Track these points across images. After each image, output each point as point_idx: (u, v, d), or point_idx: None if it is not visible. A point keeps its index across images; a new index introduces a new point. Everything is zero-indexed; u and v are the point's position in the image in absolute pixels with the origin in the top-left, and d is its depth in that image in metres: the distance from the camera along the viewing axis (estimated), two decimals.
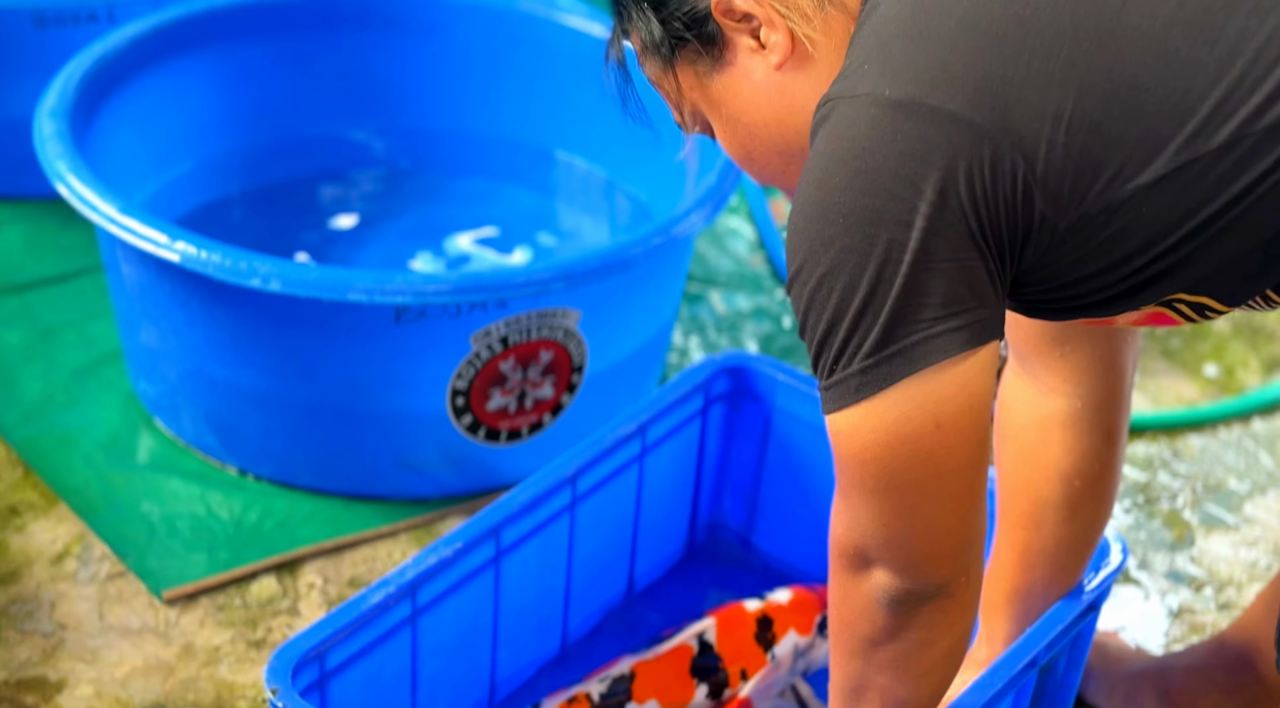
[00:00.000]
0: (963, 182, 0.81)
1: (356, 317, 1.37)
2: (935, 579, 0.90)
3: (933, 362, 0.83)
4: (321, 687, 1.11)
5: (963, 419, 0.85)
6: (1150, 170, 0.81)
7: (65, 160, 1.43)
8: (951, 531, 0.89)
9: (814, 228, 0.83)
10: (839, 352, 0.84)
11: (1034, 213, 0.82)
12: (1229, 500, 1.58)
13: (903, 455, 0.85)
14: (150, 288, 1.44)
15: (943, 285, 0.82)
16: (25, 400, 1.56)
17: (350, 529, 1.46)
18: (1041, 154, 0.81)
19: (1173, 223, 0.82)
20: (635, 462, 1.33)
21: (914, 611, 0.91)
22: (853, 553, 0.91)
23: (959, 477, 0.87)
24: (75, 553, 1.41)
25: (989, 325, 0.84)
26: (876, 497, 0.87)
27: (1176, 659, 1.27)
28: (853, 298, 0.83)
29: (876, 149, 0.82)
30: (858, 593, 0.92)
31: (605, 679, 1.24)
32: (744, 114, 0.91)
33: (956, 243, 0.82)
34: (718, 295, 1.82)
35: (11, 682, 1.28)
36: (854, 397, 0.84)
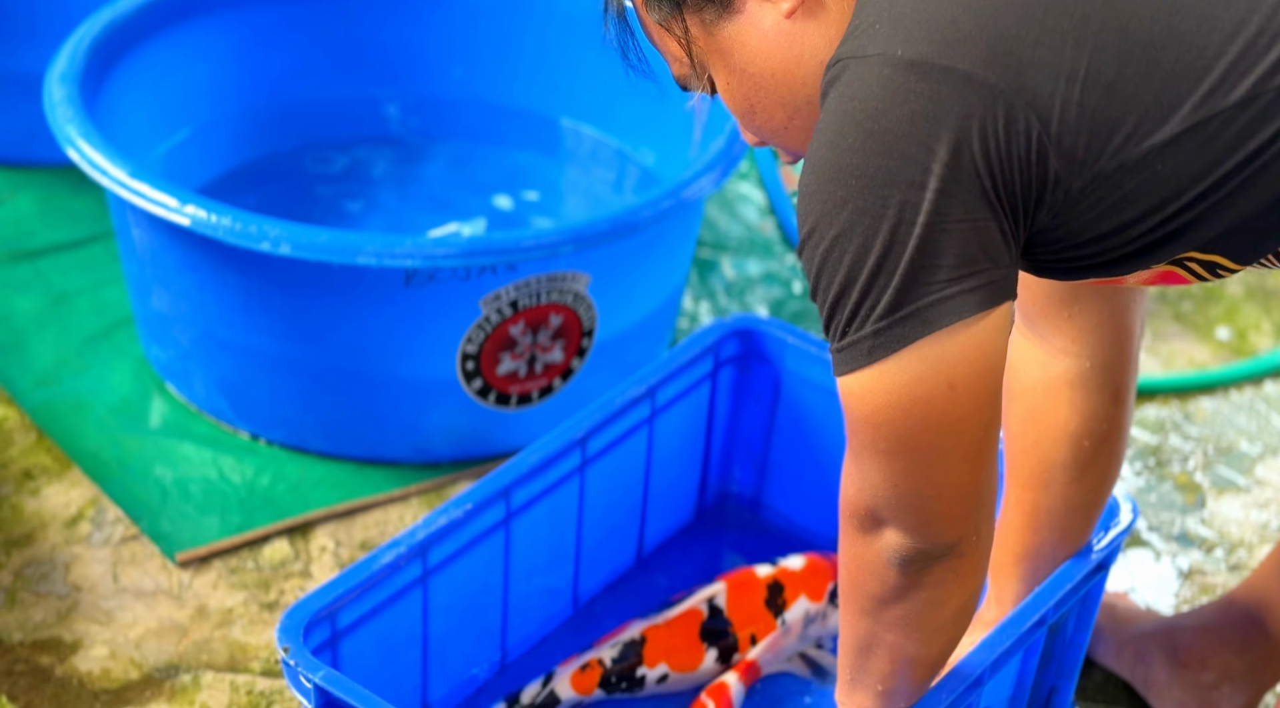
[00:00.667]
0: (976, 142, 0.81)
1: (366, 280, 1.38)
2: (946, 539, 0.90)
3: (947, 323, 0.83)
4: (333, 646, 1.12)
5: (976, 381, 0.85)
6: (1166, 128, 0.80)
7: (75, 125, 1.43)
8: (962, 491, 0.89)
9: (826, 190, 0.83)
10: (852, 314, 0.84)
11: (1048, 172, 0.82)
12: (1240, 463, 1.58)
13: (915, 417, 0.85)
14: (161, 253, 1.44)
15: (957, 246, 0.82)
16: (38, 366, 1.57)
17: (361, 493, 1.46)
18: (1056, 113, 0.81)
19: (1188, 181, 0.81)
20: (645, 424, 1.34)
21: (924, 570, 0.91)
22: (864, 513, 0.91)
23: (971, 438, 0.87)
24: (89, 516, 1.42)
25: (1003, 286, 0.84)
26: (888, 458, 0.87)
27: (1185, 619, 1.27)
28: (866, 260, 0.82)
29: (889, 110, 0.81)
30: (868, 553, 0.92)
31: (616, 644, 1.25)
32: (750, 64, 0.90)
33: (970, 203, 0.81)
34: (728, 261, 1.82)
35: (27, 642, 1.29)
36: (866, 359, 0.84)
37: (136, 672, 1.28)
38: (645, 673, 1.24)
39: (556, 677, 1.22)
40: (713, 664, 1.26)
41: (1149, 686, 1.28)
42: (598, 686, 1.23)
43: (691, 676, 1.26)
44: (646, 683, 1.24)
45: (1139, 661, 1.28)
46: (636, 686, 1.24)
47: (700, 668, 1.26)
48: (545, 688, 1.22)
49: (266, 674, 1.28)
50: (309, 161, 1.81)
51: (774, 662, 1.28)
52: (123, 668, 1.28)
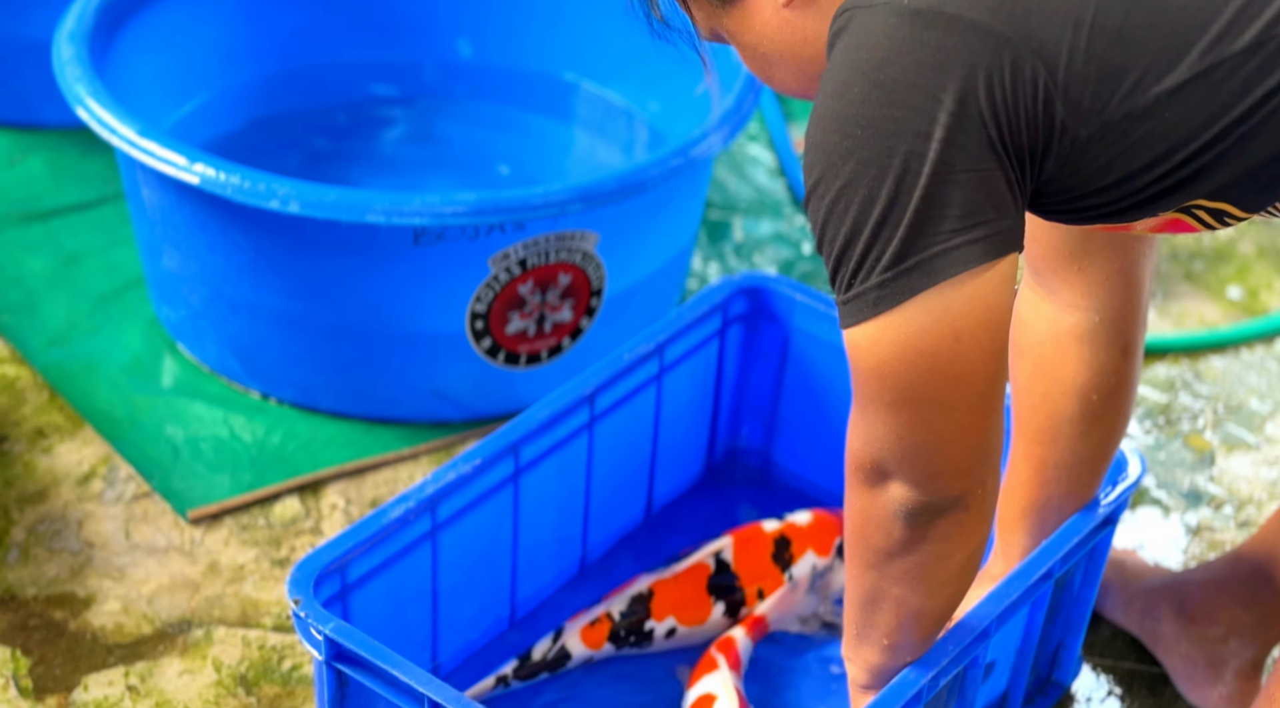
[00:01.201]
0: (983, 91, 0.80)
1: (375, 239, 1.38)
2: (952, 492, 0.90)
3: (952, 274, 0.82)
4: (343, 599, 1.13)
5: (981, 333, 0.85)
6: (1174, 76, 0.80)
7: (84, 84, 1.44)
8: (969, 444, 0.89)
9: (832, 141, 0.82)
10: (857, 265, 0.83)
11: (1055, 121, 0.82)
12: (1250, 421, 1.57)
13: (920, 369, 0.85)
14: (170, 212, 1.45)
15: (962, 196, 0.81)
16: (50, 326, 1.58)
17: (371, 452, 1.47)
18: (1063, 62, 0.80)
19: (1195, 128, 0.81)
20: (653, 381, 1.34)
21: (930, 523, 0.91)
22: (870, 467, 0.91)
23: (976, 390, 0.87)
24: (101, 474, 1.42)
25: (1009, 237, 0.84)
26: (894, 410, 0.87)
27: (1193, 574, 1.27)
28: (871, 210, 0.82)
29: (895, 59, 0.81)
30: (874, 506, 0.92)
31: (624, 598, 1.25)
32: (759, 45, 0.91)
33: (976, 153, 0.81)
34: (737, 221, 1.82)
35: (41, 597, 1.30)
36: (872, 310, 0.84)
37: (149, 627, 1.29)
38: (653, 627, 1.25)
39: (566, 632, 1.23)
40: (720, 618, 1.27)
41: (1157, 640, 1.28)
42: (607, 639, 1.24)
43: (699, 629, 1.27)
44: (655, 637, 1.25)
45: (1147, 615, 1.28)
46: (645, 639, 1.25)
47: (708, 622, 1.26)
48: (556, 644, 1.23)
49: (278, 630, 1.29)
50: (318, 124, 1.81)
51: (782, 618, 1.28)
52: (135, 623, 1.29)
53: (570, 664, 1.23)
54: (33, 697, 1.22)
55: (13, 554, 1.34)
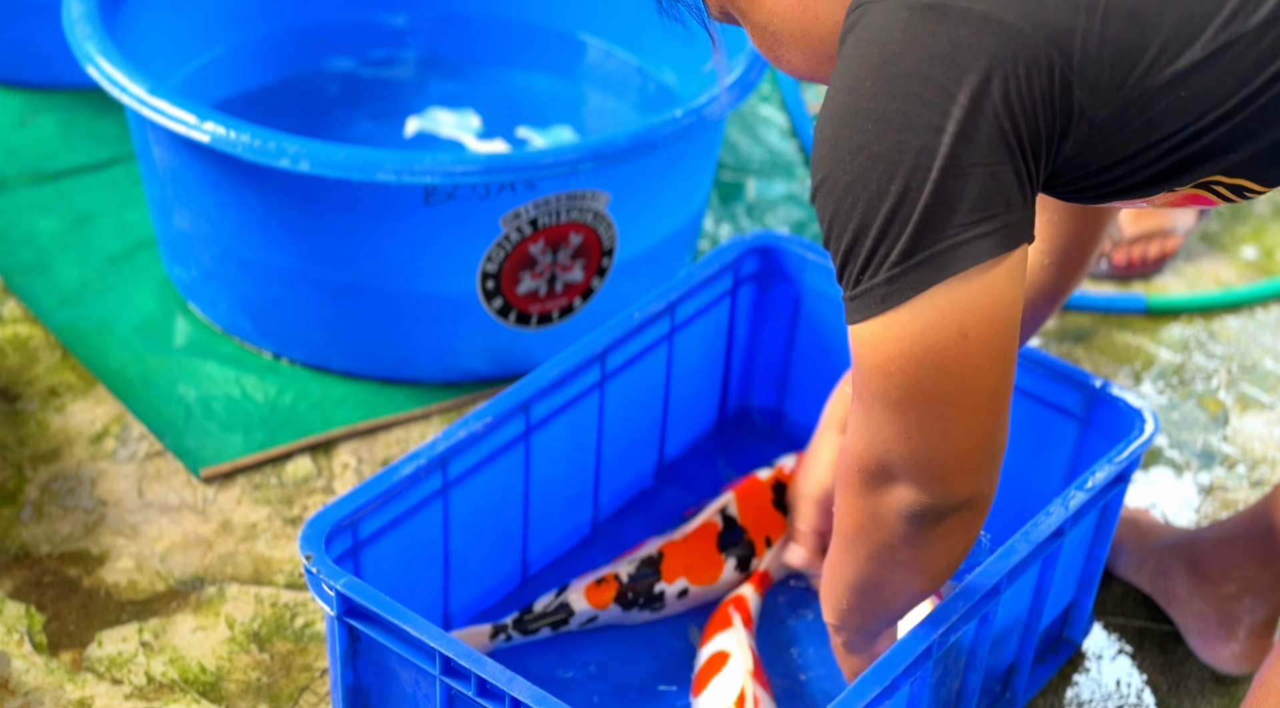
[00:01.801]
0: (996, 84, 0.80)
1: (385, 197, 1.38)
2: (960, 495, 0.89)
3: (961, 268, 0.81)
4: (355, 555, 1.13)
5: (988, 329, 0.84)
6: (1189, 54, 0.79)
7: (94, 41, 1.43)
8: (977, 444, 0.88)
9: (842, 135, 0.82)
10: (865, 261, 0.83)
11: (1073, 106, 0.81)
12: (1265, 381, 1.57)
13: (927, 366, 0.84)
14: (181, 171, 1.44)
15: (973, 191, 0.80)
16: (62, 286, 1.58)
17: (383, 412, 1.47)
18: (1078, 46, 0.79)
19: (1211, 105, 0.80)
20: (664, 340, 1.34)
21: (938, 524, 0.91)
22: (875, 468, 0.90)
23: (984, 388, 0.86)
24: (114, 433, 1.43)
25: (1018, 230, 0.83)
26: (900, 409, 0.86)
27: (1207, 532, 1.27)
28: (880, 206, 0.81)
29: (907, 53, 0.80)
30: (878, 506, 0.92)
31: (633, 561, 1.25)
32: (769, 24, 0.90)
33: (988, 147, 0.80)
34: (750, 183, 1.81)
35: (55, 554, 1.31)
36: (880, 306, 0.83)
37: (162, 584, 1.29)
38: (664, 589, 1.25)
39: (570, 589, 1.23)
40: (732, 574, 1.27)
41: (1169, 598, 1.28)
42: (613, 600, 1.23)
43: (711, 588, 1.27)
44: (666, 599, 1.25)
45: (1160, 573, 1.28)
46: (656, 602, 1.25)
47: (720, 579, 1.26)
48: (558, 599, 1.23)
49: (290, 587, 1.30)
50: (329, 83, 1.81)
51: (781, 569, 1.28)
52: (149, 580, 1.30)
53: (572, 621, 1.23)
54: (47, 653, 1.23)
55: (27, 512, 1.35)
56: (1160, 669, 1.27)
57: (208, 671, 1.22)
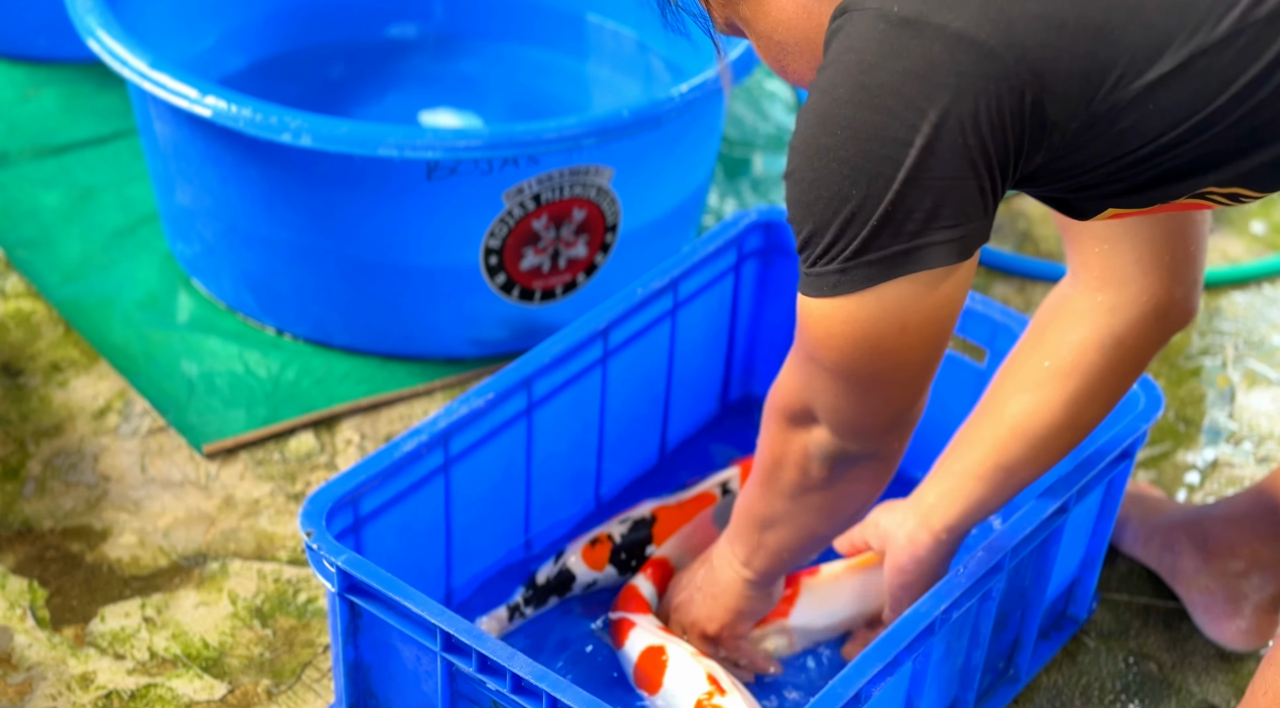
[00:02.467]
0: (967, 104, 0.81)
1: (388, 173, 1.37)
2: (871, 446, 0.98)
3: (911, 270, 0.85)
4: (356, 532, 1.13)
5: (928, 326, 0.89)
6: (1156, 67, 0.80)
7: (96, 15, 1.43)
8: (895, 411, 0.95)
9: (813, 134, 0.85)
10: (822, 252, 0.86)
11: (1045, 120, 0.82)
12: (1272, 357, 1.56)
13: (864, 350, 0.89)
14: (183, 146, 1.44)
15: (930, 202, 0.83)
16: (65, 261, 1.58)
17: (386, 388, 1.47)
18: (1049, 64, 0.81)
19: (1183, 117, 0.81)
20: (667, 316, 1.33)
21: (846, 468, 0.99)
22: (798, 408, 0.98)
23: (913, 371, 0.92)
24: (117, 408, 1.43)
25: (970, 241, 0.86)
26: (831, 376, 0.93)
27: (1214, 509, 1.27)
28: (840, 208, 0.84)
29: (881, 65, 0.82)
30: (794, 443, 1.00)
31: (626, 521, 1.25)
32: (774, 33, 0.92)
33: (951, 163, 0.82)
34: (754, 158, 1.80)
35: (58, 530, 1.31)
36: (830, 291, 0.87)
37: (165, 559, 1.29)
38: (654, 552, 1.25)
39: (567, 553, 1.24)
40: None
41: (1176, 575, 1.27)
42: (608, 561, 1.24)
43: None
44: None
45: (1166, 550, 1.28)
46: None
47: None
48: (558, 565, 1.23)
49: (293, 563, 1.30)
50: (333, 60, 1.80)
51: (681, 556, 1.27)
52: (152, 556, 1.30)
53: (575, 586, 1.23)
54: (50, 628, 1.23)
55: (29, 487, 1.35)
56: (1165, 646, 1.26)
57: (210, 646, 1.22)
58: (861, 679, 0.99)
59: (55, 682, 1.19)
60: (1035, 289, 1.62)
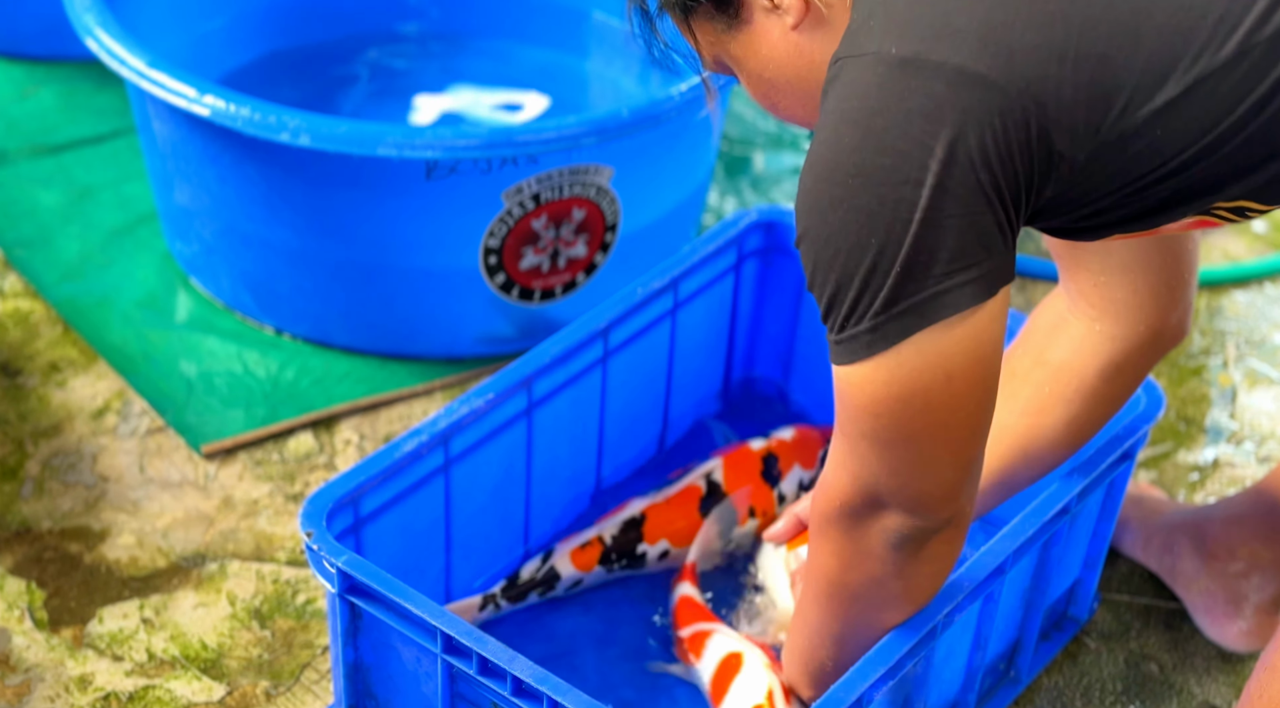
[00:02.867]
0: (973, 136, 0.81)
1: (387, 172, 1.37)
2: (945, 514, 0.92)
3: (944, 316, 0.84)
4: (356, 532, 1.12)
5: (973, 370, 0.86)
6: (1163, 93, 0.80)
7: (94, 14, 1.42)
8: (960, 469, 0.90)
9: (822, 187, 0.83)
10: (850, 310, 0.84)
11: (1052, 152, 0.82)
12: (1273, 356, 1.56)
13: (914, 407, 0.87)
14: (181, 145, 1.43)
15: (951, 241, 0.82)
16: (63, 260, 1.57)
17: (385, 388, 1.46)
18: (1052, 95, 0.80)
19: (1192, 139, 0.81)
20: (668, 316, 1.33)
21: (924, 545, 0.94)
22: (861, 500, 0.92)
23: (968, 422, 0.88)
24: (115, 408, 1.42)
25: (998, 275, 0.84)
26: (888, 446, 0.89)
27: (1213, 510, 1.26)
28: (862, 258, 0.83)
29: (885, 109, 0.81)
30: (866, 538, 0.94)
31: (616, 522, 1.25)
32: (764, 70, 0.91)
33: (966, 198, 0.81)
34: (754, 157, 1.80)
35: (56, 530, 1.31)
36: (865, 352, 0.85)
37: (164, 560, 1.29)
38: (646, 550, 1.25)
39: (556, 554, 1.24)
40: (715, 539, 1.26)
41: (1176, 576, 1.27)
42: (598, 562, 1.24)
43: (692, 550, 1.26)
44: (648, 560, 1.25)
45: (1166, 551, 1.28)
46: (637, 562, 1.25)
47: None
48: (545, 565, 1.23)
49: (292, 564, 1.29)
50: (331, 58, 1.79)
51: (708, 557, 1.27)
52: (150, 556, 1.29)
53: (559, 586, 1.23)
54: (48, 629, 1.23)
55: (27, 488, 1.34)
56: (1166, 647, 1.26)
57: (209, 647, 1.22)
58: (864, 683, 0.98)
59: (53, 683, 1.18)
60: (1036, 288, 1.62)
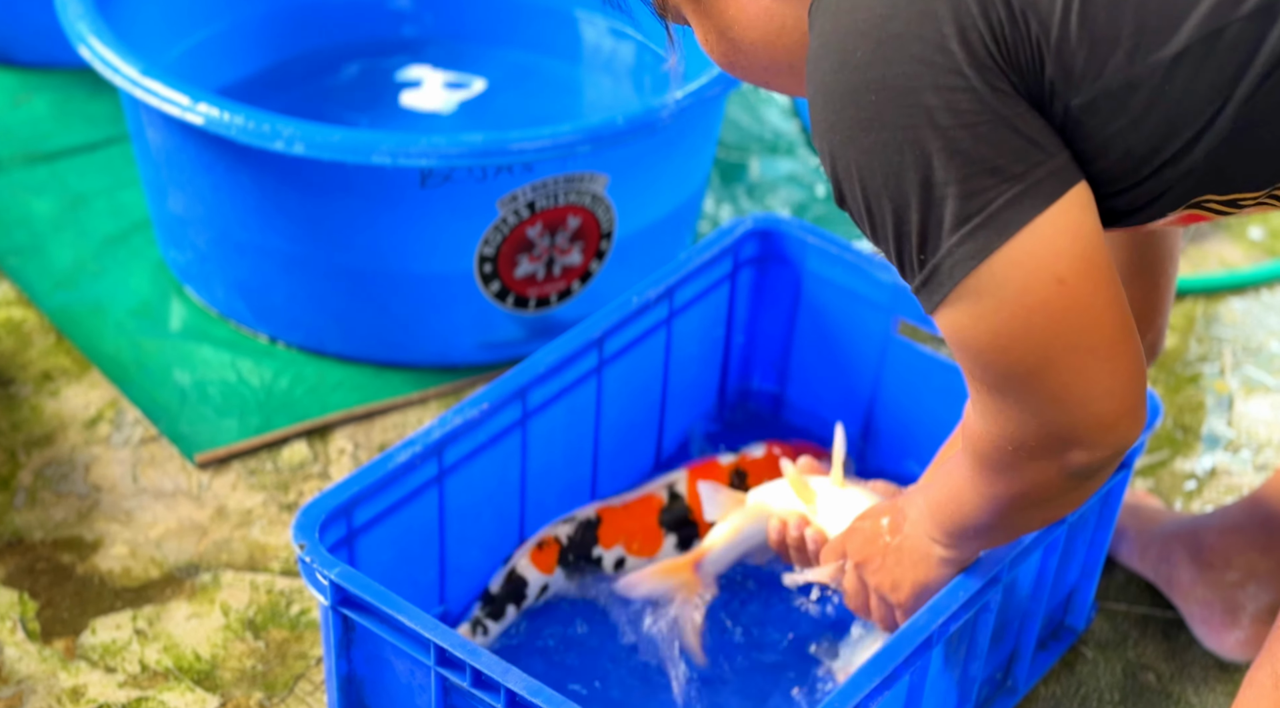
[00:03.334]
0: (985, 33, 0.76)
1: (381, 181, 1.36)
2: (1133, 435, 0.83)
3: (1024, 222, 0.77)
4: (349, 543, 1.12)
5: (1084, 264, 0.78)
6: (1175, 41, 0.74)
7: (86, 21, 1.42)
8: (1128, 376, 0.81)
9: (846, 114, 0.78)
10: (920, 240, 0.78)
11: (1044, 82, 0.77)
12: (1270, 363, 1.55)
13: (1040, 325, 0.79)
14: (175, 153, 1.43)
15: (1005, 140, 0.76)
16: (56, 268, 1.57)
17: (380, 396, 1.46)
18: (1056, 19, 0.75)
19: (1199, 103, 0.75)
20: (663, 325, 1.32)
21: (1103, 471, 0.86)
22: (1035, 445, 0.84)
23: (1107, 319, 0.80)
24: (108, 418, 1.42)
25: (1065, 172, 0.78)
26: (1038, 377, 0.80)
27: (1210, 519, 1.26)
28: (915, 176, 0.77)
29: (894, 14, 0.76)
30: (1044, 477, 0.86)
31: (572, 523, 1.25)
32: (730, 30, 0.87)
33: (1002, 97, 0.76)
34: (750, 163, 1.79)
35: (48, 541, 1.30)
36: (957, 283, 0.78)
37: (157, 570, 1.28)
38: (601, 554, 1.24)
39: (515, 558, 1.23)
40: (673, 551, 1.26)
41: (1173, 585, 1.27)
42: (557, 563, 1.23)
43: (649, 561, 1.25)
44: (604, 565, 1.24)
45: (1162, 560, 1.27)
46: (594, 566, 1.24)
47: (659, 554, 1.25)
48: (507, 569, 1.22)
49: (286, 574, 1.29)
50: (328, 64, 1.79)
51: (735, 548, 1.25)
52: (143, 567, 1.29)
53: (529, 592, 1.22)
54: (40, 640, 1.22)
55: (20, 498, 1.34)
56: (1163, 656, 1.26)
57: (202, 659, 1.22)
58: (859, 694, 0.98)
59: (45, 695, 1.18)
60: None
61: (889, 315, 1.33)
